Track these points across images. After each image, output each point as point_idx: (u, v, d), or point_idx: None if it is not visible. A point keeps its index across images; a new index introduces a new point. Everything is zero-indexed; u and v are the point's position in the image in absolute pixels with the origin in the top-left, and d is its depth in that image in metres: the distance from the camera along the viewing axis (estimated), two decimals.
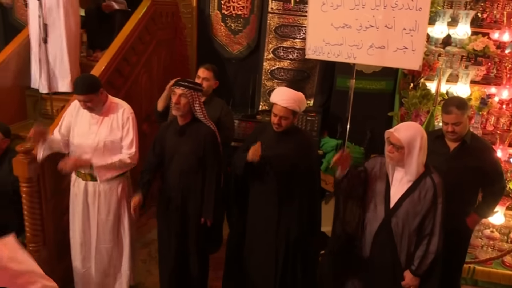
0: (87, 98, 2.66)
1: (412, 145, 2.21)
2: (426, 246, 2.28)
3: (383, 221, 2.34)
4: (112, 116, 2.80)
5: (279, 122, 2.55)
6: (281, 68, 4.44)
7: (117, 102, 2.86)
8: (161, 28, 4.33)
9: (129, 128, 2.79)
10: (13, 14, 4.95)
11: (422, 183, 2.27)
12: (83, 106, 2.71)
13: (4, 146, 3.08)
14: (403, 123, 2.38)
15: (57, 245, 3.10)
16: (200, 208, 2.66)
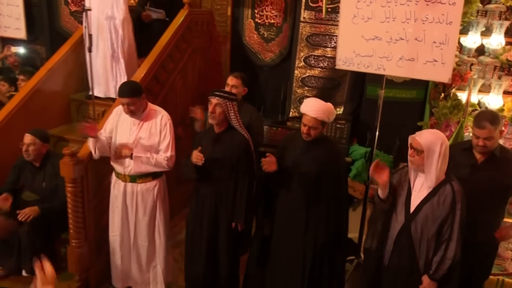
0: (130, 101, 2.85)
1: (431, 150, 2.28)
2: (443, 252, 2.33)
3: (403, 226, 2.42)
4: (151, 122, 2.98)
5: (308, 131, 2.65)
6: (312, 76, 4.53)
7: (155, 109, 3.04)
8: (196, 36, 4.50)
9: (166, 133, 2.96)
10: (59, 22, 5.26)
11: (442, 189, 2.33)
12: (126, 109, 2.89)
13: (44, 151, 3.30)
14: (427, 130, 2.48)
15: (97, 241, 3.30)
16: (231, 212, 2.79)
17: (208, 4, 4.84)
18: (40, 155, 3.23)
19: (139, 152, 2.89)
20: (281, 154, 2.77)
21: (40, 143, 3.22)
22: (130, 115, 2.94)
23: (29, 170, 3.26)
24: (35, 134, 3.20)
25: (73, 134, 3.92)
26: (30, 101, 3.71)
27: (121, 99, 2.88)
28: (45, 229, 3.13)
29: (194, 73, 4.55)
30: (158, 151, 2.98)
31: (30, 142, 3.16)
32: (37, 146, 3.19)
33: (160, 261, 3.20)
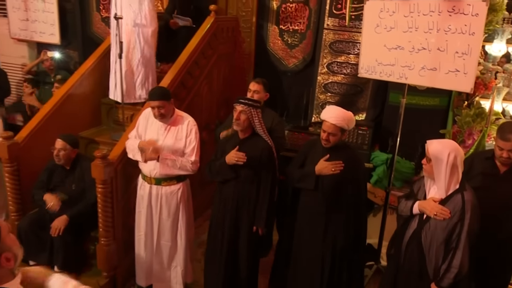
0: (161, 104, 2.97)
1: (439, 159, 2.32)
2: (450, 260, 2.36)
3: (414, 232, 2.48)
4: (178, 127, 3.10)
5: (327, 138, 2.72)
6: (335, 82, 4.58)
7: (182, 115, 3.17)
8: (222, 42, 4.61)
9: (192, 138, 3.08)
10: (90, 28, 5.48)
11: (453, 198, 2.37)
12: (156, 112, 3.01)
13: (74, 155, 3.45)
14: (439, 139, 2.49)
15: (124, 241, 3.45)
16: (253, 216, 2.89)
17: (234, 11, 4.95)
18: (70, 159, 3.40)
19: (166, 155, 3.01)
20: (302, 160, 2.85)
21: (70, 148, 3.38)
22: (159, 119, 3.06)
23: (59, 172, 3.43)
24: (66, 139, 3.36)
25: (103, 137, 4.09)
26: (63, 105, 3.90)
27: (152, 102, 3.00)
28: (76, 227, 3.29)
29: (219, 78, 4.67)
30: (184, 155, 3.10)
31: (61, 147, 3.33)
32: (67, 151, 3.35)
33: (180, 262, 3.32)
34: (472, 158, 2.95)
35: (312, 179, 2.73)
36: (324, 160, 2.72)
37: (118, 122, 4.21)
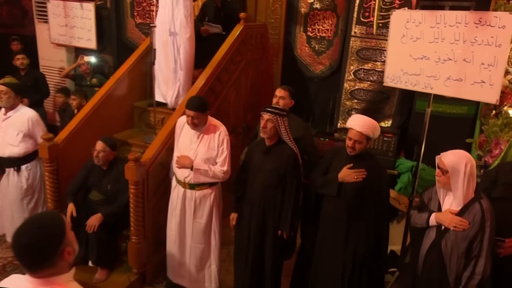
0: (195, 115, 3.10)
1: (456, 170, 2.37)
2: (473, 268, 2.40)
3: (433, 241, 2.51)
4: (210, 136, 3.22)
5: (353, 145, 2.79)
6: (361, 89, 4.62)
7: (215, 124, 3.29)
8: (250, 49, 4.74)
9: (223, 148, 3.20)
10: (125, 34, 5.71)
11: (471, 207, 2.40)
12: (189, 121, 3.14)
13: (112, 157, 3.63)
14: (454, 150, 2.51)
15: (154, 239, 3.62)
16: (278, 221, 2.99)
17: (263, 18, 5.06)
18: (108, 160, 3.58)
19: (199, 165, 3.14)
20: (326, 166, 2.93)
21: (109, 150, 3.55)
22: (192, 127, 3.18)
23: (97, 172, 3.62)
24: (106, 142, 3.54)
25: (135, 139, 4.28)
26: (100, 108, 4.10)
27: (188, 111, 3.12)
28: (110, 226, 3.47)
29: (246, 84, 4.79)
30: (216, 163, 3.22)
31: (100, 149, 3.52)
32: (106, 153, 3.53)
33: (215, 261, 3.45)
34: (498, 169, 2.97)
35: (335, 186, 2.81)
36: (348, 168, 2.79)
37: (150, 125, 4.40)
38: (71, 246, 1.51)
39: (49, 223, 1.48)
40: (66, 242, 1.48)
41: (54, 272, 1.47)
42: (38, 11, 6.02)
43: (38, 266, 1.45)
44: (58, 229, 1.48)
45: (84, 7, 5.55)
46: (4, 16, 6.64)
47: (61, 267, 1.48)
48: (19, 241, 1.44)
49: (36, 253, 1.43)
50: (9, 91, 3.73)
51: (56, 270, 1.47)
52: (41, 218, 1.52)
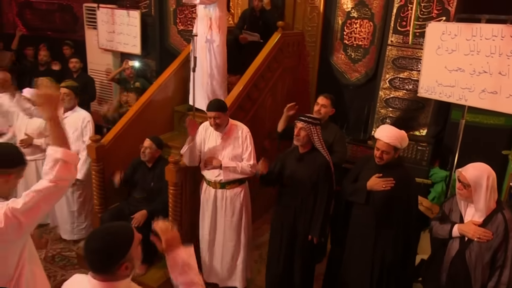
0: (217, 115, 3.29)
1: (478, 184, 2.39)
2: (498, 278, 2.42)
3: (457, 252, 2.55)
4: (233, 135, 3.41)
5: (381, 155, 2.87)
6: (396, 97, 4.65)
7: (236, 124, 3.48)
8: (287, 56, 4.86)
9: (247, 144, 3.39)
10: (168, 40, 5.98)
11: (494, 218, 2.43)
12: (212, 122, 3.33)
13: (157, 155, 3.86)
14: (473, 163, 2.52)
15: (190, 238, 3.80)
16: (309, 226, 3.10)
17: (300, 26, 5.18)
18: (153, 158, 3.81)
19: (227, 163, 3.33)
20: (356, 174, 3.02)
21: (155, 148, 3.79)
22: (215, 128, 3.38)
23: (142, 169, 3.86)
24: (153, 140, 3.79)
25: (175, 142, 4.49)
26: (143, 111, 4.34)
27: (209, 113, 3.33)
28: (150, 223, 3.68)
29: (283, 90, 4.92)
30: (242, 160, 3.39)
31: (147, 146, 3.76)
32: (152, 150, 3.77)
33: (242, 259, 3.61)
34: None
35: (364, 194, 2.89)
36: (376, 177, 2.87)
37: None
38: (130, 263, 1.58)
39: (119, 235, 1.58)
40: (127, 258, 1.56)
41: (114, 278, 1.59)
42: (88, 18, 6.40)
43: (100, 270, 1.58)
44: (124, 244, 1.56)
45: (130, 14, 5.86)
46: (57, 22, 7.10)
47: (120, 276, 1.59)
48: (91, 244, 1.58)
49: (100, 259, 1.56)
50: (71, 93, 4.06)
51: (115, 277, 1.59)
52: (115, 229, 1.61)
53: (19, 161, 2.04)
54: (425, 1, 4.25)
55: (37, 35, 7.21)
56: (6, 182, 1.96)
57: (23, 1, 7.24)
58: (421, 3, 4.25)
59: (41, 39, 6.89)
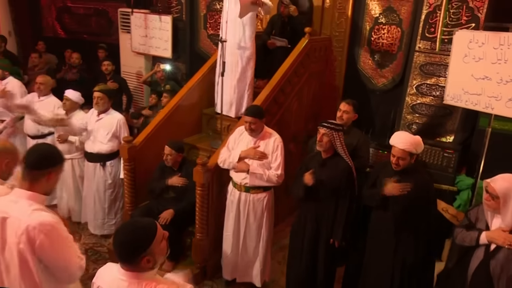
0: (253, 121, 3.40)
1: (508, 196, 2.38)
2: None
3: (481, 262, 2.53)
4: (266, 142, 3.49)
5: (397, 162, 2.92)
6: (423, 103, 4.64)
7: (270, 132, 3.56)
8: (314, 61, 4.92)
9: (278, 154, 3.45)
10: (198, 44, 6.14)
11: None
12: (247, 126, 3.44)
13: (180, 159, 3.98)
14: (502, 175, 2.49)
15: (215, 237, 3.93)
16: (331, 230, 3.16)
17: (328, 31, 5.23)
18: (176, 162, 3.95)
19: (254, 169, 3.41)
20: (374, 179, 3.07)
21: (176, 153, 3.91)
22: (249, 133, 3.48)
23: (169, 172, 4.00)
24: (172, 146, 3.90)
25: (203, 144, 4.64)
26: (173, 114, 4.50)
27: (246, 117, 3.44)
28: (177, 221, 3.83)
29: (309, 95, 4.98)
30: (270, 168, 3.47)
31: (168, 153, 3.90)
32: (173, 156, 3.90)
33: (260, 262, 3.71)
34: None
35: (381, 199, 2.94)
36: (393, 182, 2.91)
37: (216, 131, 4.74)
38: (152, 257, 1.69)
39: (142, 230, 1.70)
40: (148, 252, 1.68)
41: (138, 269, 1.71)
42: (122, 22, 6.65)
43: (124, 261, 1.73)
44: (145, 238, 1.68)
45: (162, 19, 6.06)
46: (93, 26, 7.41)
47: (143, 268, 1.71)
48: (117, 237, 1.73)
49: (123, 251, 1.70)
50: (104, 96, 4.28)
51: (139, 269, 1.71)
52: (139, 225, 1.73)
53: (59, 159, 2.19)
54: (454, 7, 4.23)
55: (74, 38, 7.55)
56: (48, 180, 2.12)
57: (62, 6, 7.59)
58: (450, 10, 4.23)
59: (79, 42, 7.23)
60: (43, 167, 2.09)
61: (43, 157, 2.12)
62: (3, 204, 2.06)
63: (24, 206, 2.02)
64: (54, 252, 2.03)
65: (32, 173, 2.06)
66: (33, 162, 2.08)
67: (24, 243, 1.98)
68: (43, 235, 1.97)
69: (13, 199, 2.05)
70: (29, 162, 2.08)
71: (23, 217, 1.98)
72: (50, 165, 2.13)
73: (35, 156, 2.11)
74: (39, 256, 2.02)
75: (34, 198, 2.05)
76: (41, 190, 2.09)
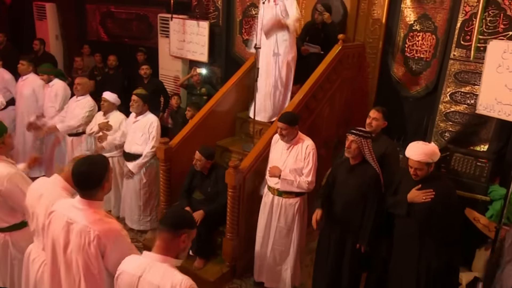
0: (284, 127, 3.52)
1: None
2: None
3: None
4: (298, 149, 3.60)
5: (415, 173, 2.99)
6: (457, 111, 4.59)
7: (304, 138, 3.65)
8: (347, 68, 4.97)
9: (309, 160, 3.55)
10: (233, 49, 6.31)
11: None
12: (279, 132, 3.57)
13: (209, 165, 4.11)
14: None
15: (246, 238, 4.06)
16: (357, 235, 3.23)
17: (361, 38, 5.26)
18: (206, 167, 4.10)
19: (286, 175, 3.52)
20: (396, 187, 3.11)
21: (205, 160, 4.04)
22: (281, 138, 3.60)
23: (199, 176, 4.18)
24: (202, 152, 4.03)
25: (235, 147, 4.79)
26: (207, 118, 4.68)
27: (279, 123, 3.57)
28: (209, 222, 3.99)
29: (340, 100, 5.04)
30: (302, 174, 3.57)
31: (198, 158, 4.05)
32: (203, 162, 4.04)
33: (290, 266, 3.80)
34: None
35: (404, 206, 3.00)
36: (416, 189, 2.95)
37: (249, 134, 4.87)
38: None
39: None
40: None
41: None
42: (161, 27, 6.91)
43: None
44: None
45: (200, 25, 6.27)
46: (134, 30, 7.72)
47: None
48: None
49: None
50: (139, 100, 4.53)
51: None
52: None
53: (106, 169, 2.28)
54: (491, 15, 4.18)
55: (115, 42, 7.90)
56: (103, 190, 2.26)
57: (106, 11, 7.95)
58: (486, 18, 4.19)
59: (120, 46, 7.56)
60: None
61: (93, 174, 2.24)
62: (67, 209, 2.21)
63: (89, 213, 2.16)
64: (120, 258, 2.10)
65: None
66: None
67: (95, 248, 2.10)
68: (112, 242, 2.12)
69: (78, 206, 2.20)
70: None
71: (90, 224, 2.12)
72: (102, 179, 2.26)
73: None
74: (105, 263, 2.16)
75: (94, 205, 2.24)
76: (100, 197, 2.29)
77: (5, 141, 3.02)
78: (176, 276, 1.90)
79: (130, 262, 2.02)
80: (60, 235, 2.19)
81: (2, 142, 2.99)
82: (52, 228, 2.24)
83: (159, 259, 1.96)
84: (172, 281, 1.87)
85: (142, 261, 1.99)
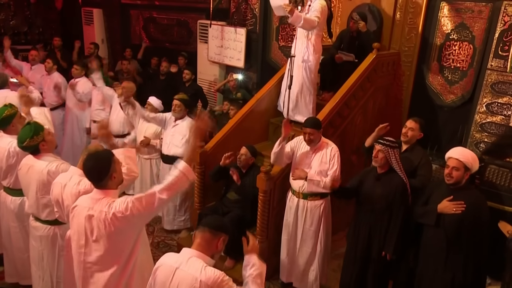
0: (311, 131, 3.65)
1: None
2: None
3: None
4: (323, 152, 3.72)
5: (451, 172, 2.99)
6: (493, 122, 4.53)
7: (327, 142, 3.78)
8: (381, 76, 4.99)
9: (334, 162, 3.66)
10: (269, 55, 6.45)
11: None
12: (306, 137, 3.68)
13: (251, 162, 4.31)
14: None
15: (273, 242, 4.18)
16: (383, 242, 3.29)
17: (397, 46, 5.25)
18: (247, 164, 4.29)
19: (312, 176, 3.63)
20: (427, 197, 3.14)
21: (250, 155, 4.27)
22: (308, 143, 3.72)
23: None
24: (248, 148, 4.27)
25: (268, 151, 4.84)
26: (242, 122, 4.83)
27: (305, 128, 3.69)
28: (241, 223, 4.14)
29: (374, 108, 5.06)
30: (327, 175, 3.67)
31: (243, 153, 4.25)
32: (247, 157, 4.25)
33: (317, 267, 3.90)
34: None
35: (434, 216, 3.02)
36: (447, 200, 2.97)
37: None
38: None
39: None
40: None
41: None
42: (201, 33, 7.16)
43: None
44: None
45: (237, 31, 6.46)
46: (175, 35, 8.02)
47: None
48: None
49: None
50: (181, 105, 4.77)
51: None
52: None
53: (110, 162, 2.52)
54: None
55: (157, 46, 8.23)
56: (113, 180, 2.49)
57: (149, 16, 8.30)
58: None
59: (161, 50, 7.87)
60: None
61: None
62: (86, 201, 2.46)
63: (103, 202, 2.41)
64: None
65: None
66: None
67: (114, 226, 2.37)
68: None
69: (95, 196, 2.46)
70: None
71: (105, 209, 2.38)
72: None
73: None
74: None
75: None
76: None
77: (46, 139, 3.20)
78: (212, 269, 2.13)
79: (170, 257, 2.26)
80: (83, 225, 2.42)
81: (43, 140, 3.17)
82: (75, 220, 2.48)
83: (197, 254, 2.19)
84: (208, 272, 2.10)
85: (180, 255, 2.22)
